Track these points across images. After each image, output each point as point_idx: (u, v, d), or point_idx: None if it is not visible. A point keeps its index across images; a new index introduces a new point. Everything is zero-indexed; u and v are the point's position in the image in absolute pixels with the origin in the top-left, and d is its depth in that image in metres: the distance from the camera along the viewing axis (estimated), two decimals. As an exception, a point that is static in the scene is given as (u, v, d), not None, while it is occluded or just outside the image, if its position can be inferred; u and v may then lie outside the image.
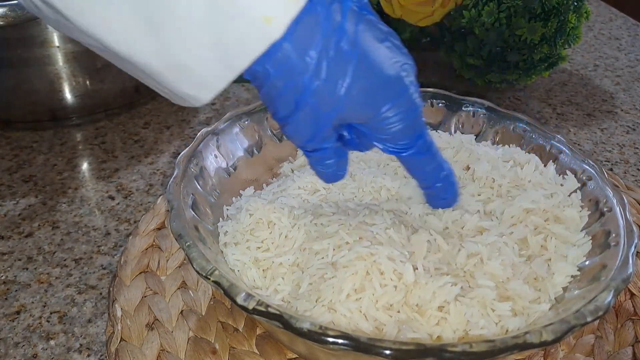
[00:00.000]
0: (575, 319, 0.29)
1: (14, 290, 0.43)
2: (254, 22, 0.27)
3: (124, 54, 0.28)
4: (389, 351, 0.27)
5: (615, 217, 0.37)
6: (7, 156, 0.58)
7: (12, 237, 0.48)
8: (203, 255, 0.33)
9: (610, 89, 0.74)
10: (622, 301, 0.42)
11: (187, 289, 0.42)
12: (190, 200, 0.38)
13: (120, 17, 0.27)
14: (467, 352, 0.27)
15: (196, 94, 0.30)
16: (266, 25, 0.27)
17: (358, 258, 0.34)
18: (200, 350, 0.37)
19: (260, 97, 0.32)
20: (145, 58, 0.28)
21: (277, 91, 0.30)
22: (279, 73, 0.29)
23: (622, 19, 0.96)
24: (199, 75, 0.29)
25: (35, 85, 0.59)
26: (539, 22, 0.60)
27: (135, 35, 0.27)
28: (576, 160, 0.42)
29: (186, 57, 0.28)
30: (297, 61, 0.29)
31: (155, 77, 0.29)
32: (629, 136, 0.64)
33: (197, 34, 0.27)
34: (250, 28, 0.27)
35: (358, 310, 0.33)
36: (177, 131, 0.62)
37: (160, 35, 0.27)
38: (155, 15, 0.26)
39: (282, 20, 0.27)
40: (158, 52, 0.28)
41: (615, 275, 0.32)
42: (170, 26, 0.27)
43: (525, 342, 0.28)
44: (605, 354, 0.38)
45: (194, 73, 0.28)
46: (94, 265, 0.45)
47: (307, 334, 0.28)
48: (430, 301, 0.33)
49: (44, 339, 0.39)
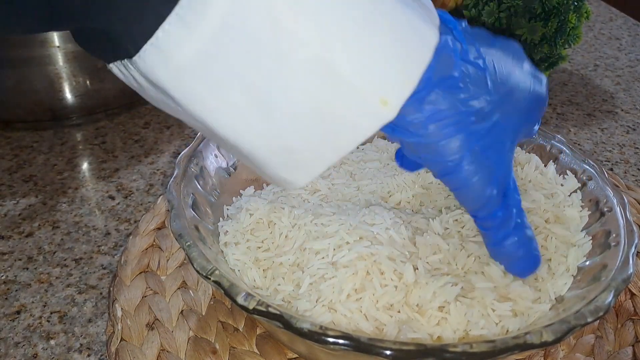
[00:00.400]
0: (576, 320, 0.29)
1: (14, 290, 0.43)
2: (370, 104, 0.26)
3: (230, 139, 0.27)
4: (390, 351, 0.27)
5: (616, 217, 0.37)
6: (7, 156, 0.58)
7: (12, 237, 0.48)
8: (203, 255, 0.33)
9: (611, 89, 0.74)
10: (623, 301, 0.42)
11: (187, 289, 0.42)
12: (190, 200, 0.38)
13: (234, 104, 0.26)
14: (468, 353, 0.27)
15: (294, 179, 0.29)
16: (383, 108, 0.26)
17: (358, 258, 0.34)
18: (200, 350, 0.37)
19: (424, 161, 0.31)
20: (251, 143, 0.27)
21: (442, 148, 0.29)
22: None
23: (623, 19, 0.96)
24: (301, 159, 0.28)
25: (35, 85, 0.59)
26: (539, 22, 0.60)
27: (247, 121, 0.26)
28: (576, 160, 0.42)
29: (293, 140, 0.27)
30: (445, 105, 0.28)
31: (256, 163, 0.29)
32: (629, 136, 0.64)
33: (306, 117, 0.26)
34: (365, 111, 0.26)
35: (358, 310, 0.33)
36: (177, 131, 0.62)
37: (271, 119, 0.26)
38: (269, 100, 0.26)
39: (398, 101, 0.27)
40: (265, 136, 0.27)
41: (615, 275, 0.32)
42: (282, 110, 0.26)
43: (525, 342, 0.28)
44: (605, 353, 0.38)
45: (298, 156, 0.28)
46: (94, 265, 0.45)
47: (308, 334, 0.28)
48: (431, 301, 0.33)
49: (44, 338, 0.39)
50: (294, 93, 0.26)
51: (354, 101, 0.26)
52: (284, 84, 0.25)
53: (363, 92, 0.26)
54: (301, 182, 0.29)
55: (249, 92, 0.25)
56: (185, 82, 0.25)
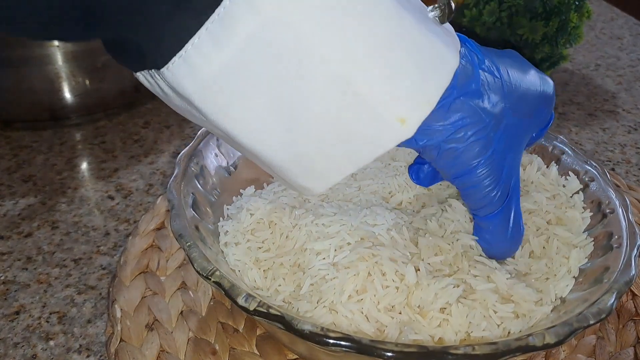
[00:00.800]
0: (578, 322, 0.29)
1: (14, 291, 0.43)
2: (388, 122, 0.27)
3: (251, 148, 0.28)
4: (391, 353, 0.27)
5: (618, 218, 0.37)
6: (7, 156, 0.58)
7: (11, 237, 0.47)
8: (204, 256, 0.32)
9: (612, 89, 0.73)
10: (624, 302, 0.42)
11: (187, 290, 0.41)
12: (190, 199, 0.38)
13: (257, 116, 0.27)
14: (470, 355, 0.27)
15: (312, 186, 0.30)
16: (401, 126, 0.27)
17: (360, 259, 0.34)
18: (200, 351, 0.37)
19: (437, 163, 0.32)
20: (272, 153, 0.28)
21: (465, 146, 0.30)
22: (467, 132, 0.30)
23: (624, 19, 0.96)
24: (318, 168, 0.29)
25: (34, 85, 0.59)
26: (540, 22, 0.59)
27: (269, 132, 0.27)
28: (579, 161, 0.42)
29: (313, 152, 0.28)
30: (475, 109, 0.30)
31: (276, 170, 0.30)
32: (630, 136, 0.64)
33: (326, 129, 0.27)
34: (382, 128, 0.27)
35: (359, 311, 0.32)
36: (177, 130, 0.62)
37: (293, 131, 0.27)
38: (289, 110, 0.27)
39: (416, 120, 0.28)
40: (286, 146, 0.28)
41: (617, 277, 0.32)
42: (303, 124, 0.27)
43: (527, 344, 0.28)
44: (606, 354, 0.38)
45: (317, 166, 0.29)
46: (93, 266, 0.45)
47: (308, 336, 0.28)
48: (432, 303, 0.32)
49: (43, 339, 0.39)
50: (315, 108, 0.27)
51: (371, 118, 0.27)
52: (305, 99, 0.26)
53: (381, 111, 0.27)
54: (319, 190, 0.30)
55: (272, 106, 0.26)
56: (212, 95, 0.26)
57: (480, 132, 0.30)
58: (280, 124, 0.27)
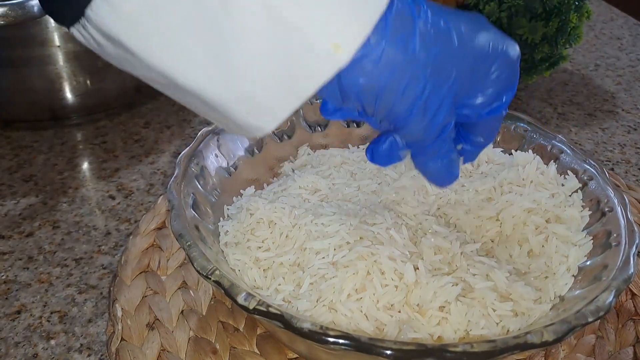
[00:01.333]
0: (576, 320, 0.29)
1: (15, 290, 0.43)
2: (322, 49, 0.27)
3: (189, 87, 0.28)
4: (390, 351, 0.27)
5: (617, 217, 0.37)
6: (8, 156, 0.58)
7: (12, 237, 0.48)
8: (204, 255, 0.33)
9: (612, 89, 0.73)
10: (623, 301, 0.42)
11: (187, 289, 0.42)
12: (190, 199, 0.38)
13: (190, 53, 0.27)
14: (469, 352, 0.27)
15: (261, 124, 0.30)
16: (335, 53, 0.27)
17: (359, 258, 0.34)
18: (200, 350, 0.37)
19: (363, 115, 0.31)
20: (213, 92, 0.28)
21: (384, 89, 0.30)
22: (382, 75, 0.29)
23: (624, 19, 0.96)
24: (264, 105, 0.29)
25: (35, 85, 0.59)
26: (540, 22, 0.60)
27: (205, 70, 0.27)
28: (577, 160, 0.42)
29: (252, 88, 0.28)
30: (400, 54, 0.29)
31: (220, 110, 0.29)
32: (630, 136, 0.64)
33: (263, 65, 0.27)
34: (318, 56, 0.27)
35: (359, 310, 0.33)
36: (177, 131, 0.62)
37: (227, 66, 0.27)
38: (222, 47, 0.26)
39: (351, 46, 0.27)
40: (225, 83, 0.28)
41: (616, 275, 0.32)
42: (236, 58, 0.27)
43: (526, 342, 0.28)
44: (606, 354, 0.38)
45: (260, 103, 0.28)
46: (94, 265, 0.45)
47: (308, 334, 0.28)
48: (431, 301, 0.33)
49: (44, 338, 0.39)
50: (246, 41, 0.26)
51: (305, 47, 0.27)
52: (235, 32, 0.26)
53: (314, 38, 0.27)
54: (269, 127, 0.30)
55: (203, 40, 0.26)
56: (138, 32, 0.26)
57: (415, 74, 0.29)
58: (215, 60, 0.27)
